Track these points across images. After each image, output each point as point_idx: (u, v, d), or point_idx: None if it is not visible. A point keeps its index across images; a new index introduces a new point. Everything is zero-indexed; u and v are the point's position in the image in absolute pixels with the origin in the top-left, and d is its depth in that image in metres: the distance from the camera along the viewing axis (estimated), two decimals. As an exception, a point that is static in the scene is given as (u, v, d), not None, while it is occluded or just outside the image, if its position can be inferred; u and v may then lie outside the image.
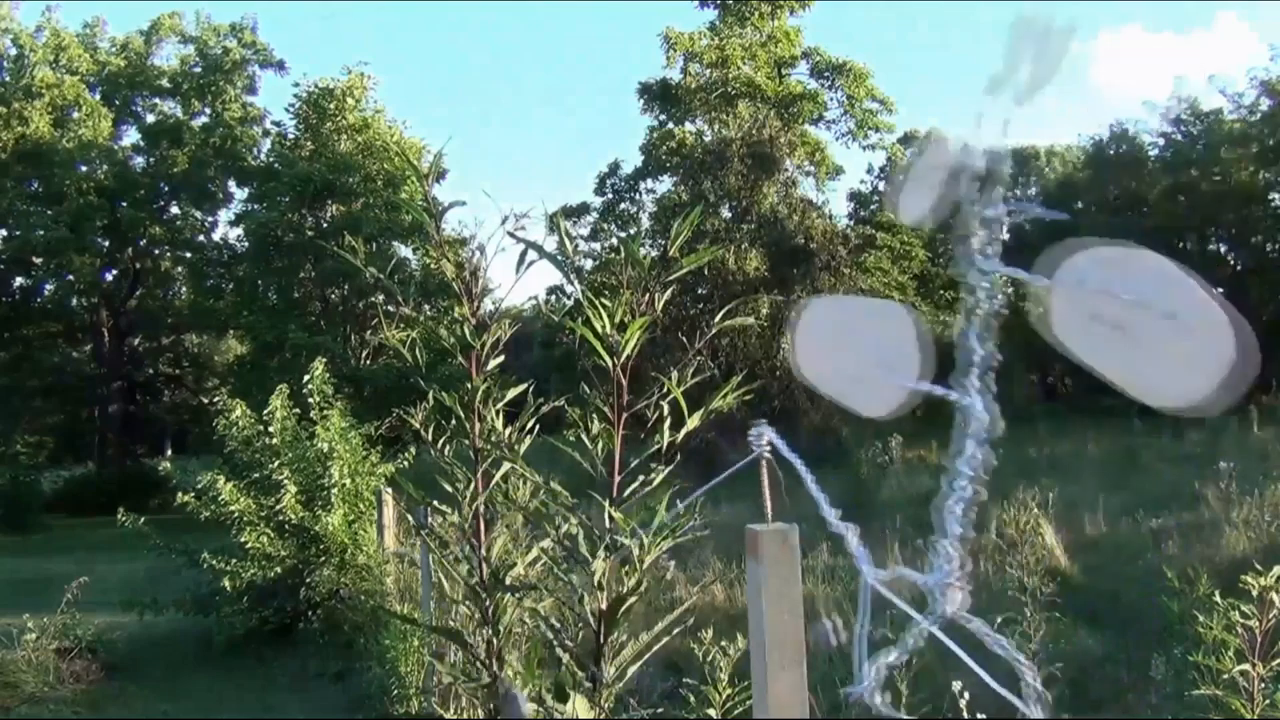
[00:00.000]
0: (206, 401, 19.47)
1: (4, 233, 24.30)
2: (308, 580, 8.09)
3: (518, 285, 2.91)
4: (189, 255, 26.94)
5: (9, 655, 6.96)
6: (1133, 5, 71.87)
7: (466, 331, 2.92)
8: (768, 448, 1.49)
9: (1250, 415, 19.12)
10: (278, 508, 8.03)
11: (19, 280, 25.23)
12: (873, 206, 31.08)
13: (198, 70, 26.49)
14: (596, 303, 2.52)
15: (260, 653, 7.84)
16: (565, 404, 2.90)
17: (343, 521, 8.17)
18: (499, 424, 2.95)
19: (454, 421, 2.99)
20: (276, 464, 8.17)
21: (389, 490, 8.62)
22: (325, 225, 23.02)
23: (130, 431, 26.81)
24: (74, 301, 25.88)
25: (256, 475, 8.29)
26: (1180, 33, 71.78)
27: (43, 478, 21.77)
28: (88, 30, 26.41)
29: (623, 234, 23.97)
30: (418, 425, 3.11)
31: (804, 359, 1.04)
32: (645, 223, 24.60)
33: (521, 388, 3.05)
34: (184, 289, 27.84)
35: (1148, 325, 0.72)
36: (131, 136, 26.90)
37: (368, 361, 22.32)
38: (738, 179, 22.47)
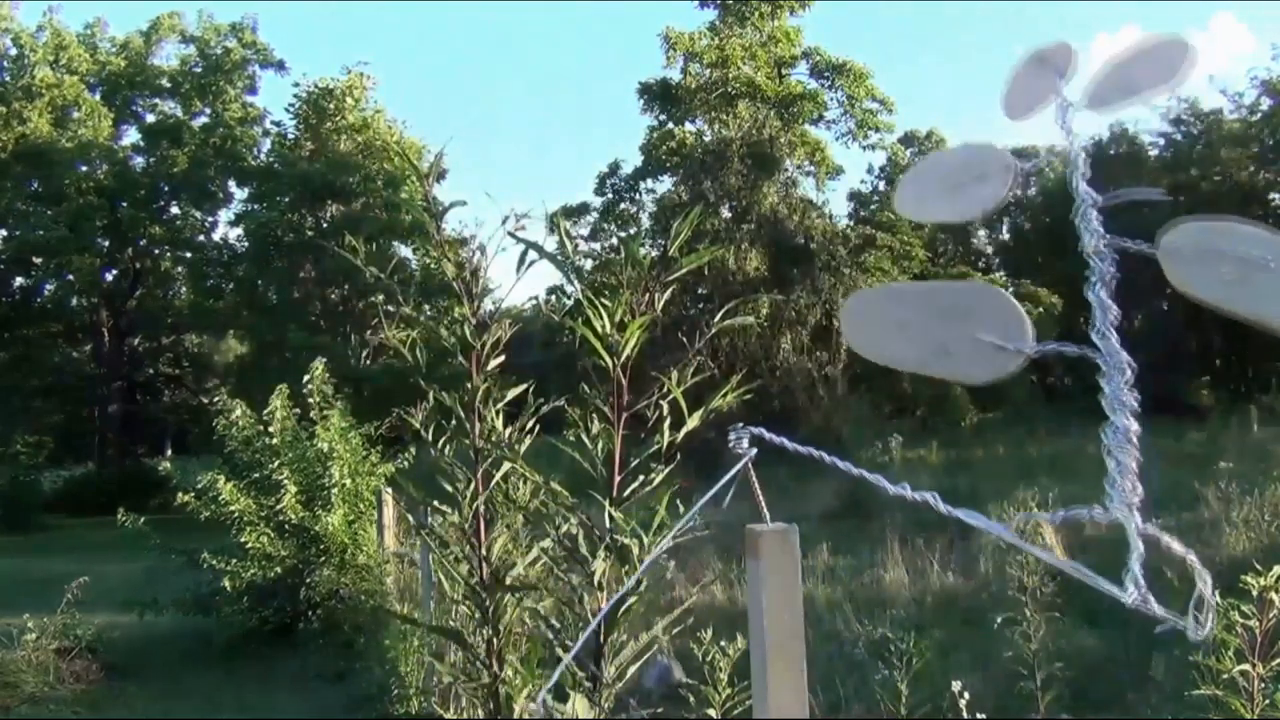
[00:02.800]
0: (206, 401, 19.46)
1: (4, 233, 24.31)
2: (308, 580, 8.09)
3: (518, 285, 2.91)
4: (189, 255, 26.92)
5: (9, 655, 6.96)
6: (1130, 6, 71.87)
7: (466, 331, 2.92)
8: (750, 450, 1.48)
9: (1250, 415, 19.13)
10: (278, 508, 8.03)
11: (19, 280, 25.22)
12: (873, 206, 31.09)
13: (198, 70, 26.49)
14: (596, 303, 2.52)
15: (260, 653, 7.84)
16: (565, 404, 2.90)
17: (343, 521, 8.17)
18: (499, 424, 2.95)
19: (454, 421, 2.99)
20: (276, 464, 8.17)
21: (389, 490, 8.63)
22: (325, 225, 23.03)
23: (130, 431, 26.80)
24: (74, 301, 25.86)
25: (256, 475, 8.29)
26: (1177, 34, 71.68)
27: (43, 478, 21.75)
28: (88, 30, 26.42)
29: (623, 234, 23.96)
30: (418, 425, 3.11)
31: (871, 346, 1.05)
32: (645, 223, 24.60)
33: (521, 388, 3.05)
34: (184, 289, 27.82)
35: (1260, 272, 0.81)
36: (131, 136, 26.93)
37: (368, 361, 22.31)
38: (738, 179, 22.47)
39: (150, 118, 26.79)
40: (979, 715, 3.11)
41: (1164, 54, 0.99)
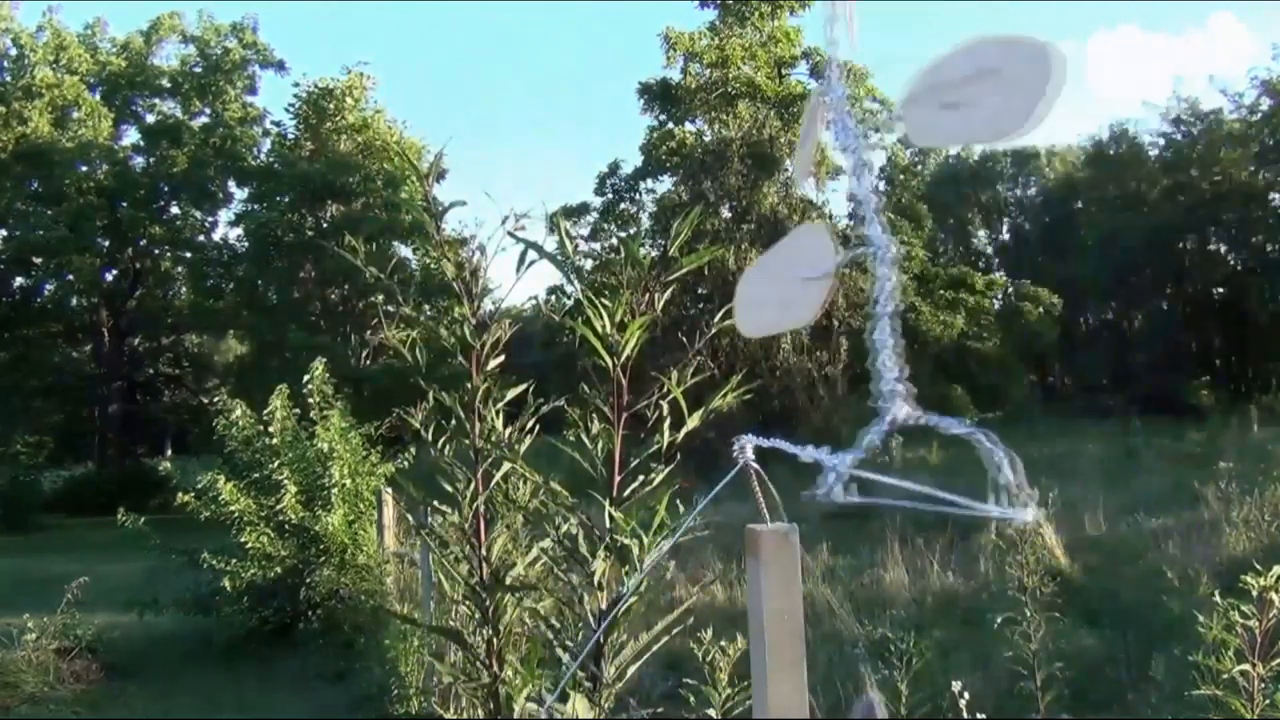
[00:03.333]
0: (206, 401, 19.46)
1: (4, 233, 24.31)
2: (308, 580, 8.09)
3: (518, 285, 2.91)
4: (189, 255, 26.94)
5: (9, 655, 6.96)
6: (1128, 6, 71.88)
7: (466, 331, 2.92)
8: (752, 457, 1.50)
9: (1250, 415, 19.14)
10: (278, 508, 8.03)
11: (19, 280, 25.23)
12: (873, 206, 31.05)
13: (198, 70, 26.50)
14: (596, 303, 2.52)
15: (260, 653, 7.84)
16: (565, 404, 2.90)
17: (343, 521, 8.17)
18: (499, 424, 2.94)
19: (454, 421, 2.99)
20: (276, 464, 8.17)
21: (389, 490, 8.63)
22: (325, 225, 23.04)
23: (130, 431, 26.80)
24: (74, 301, 25.87)
25: (256, 475, 8.29)
26: (1176, 33, 71.82)
27: (43, 478, 21.75)
28: (88, 30, 26.43)
29: (623, 234, 23.96)
30: (418, 425, 3.11)
31: (748, 325, 1.14)
32: (645, 223, 24.59)
33: (521, 388, 3.05)
34: (184, 289, 27.83)
35: (976, 85, 0.83)
36: (131, 136, 26.94)
37: (368, 361, 22.31)
38: (738, 179, 22.46)
39: (150, 118, 26.80)
40: (979, 715, 3.11)
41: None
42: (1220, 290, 29.97)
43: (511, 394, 3.01)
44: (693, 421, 2.58)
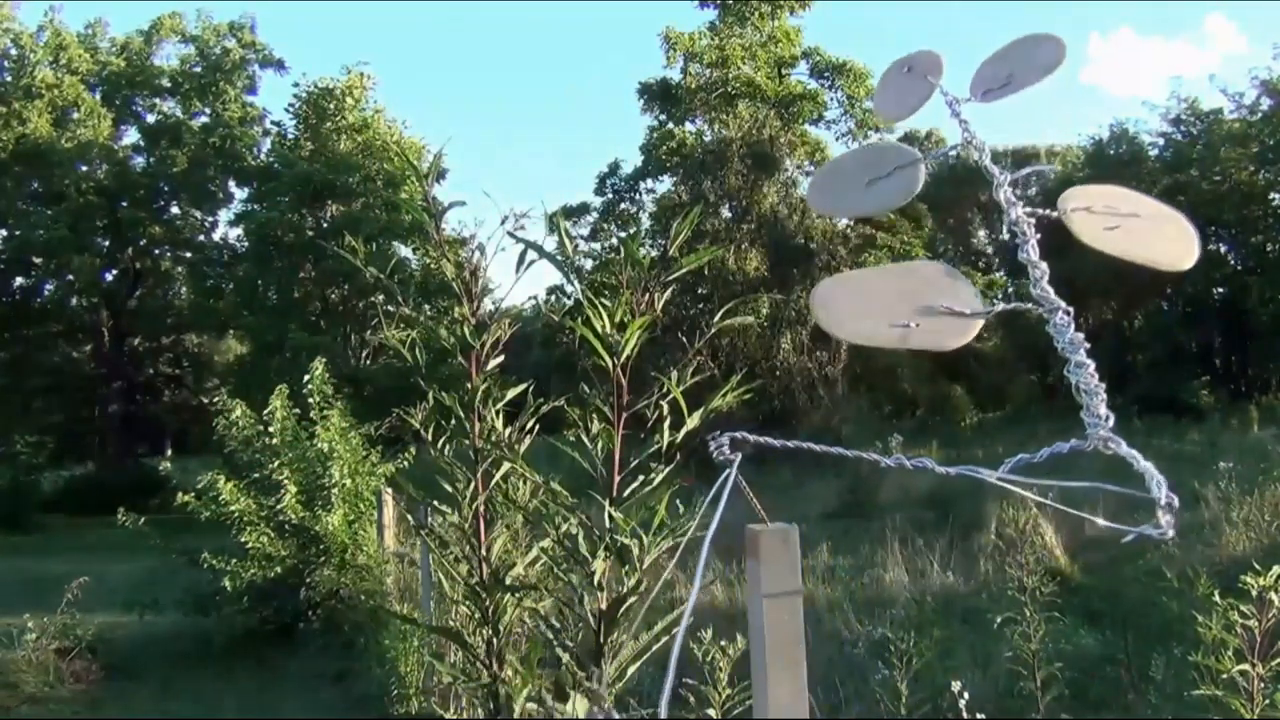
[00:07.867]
0: (206, 401, 19.44)
1: (4, 233, 24.30)
2: (308, 580, 8.09)
3: (518, 285, 2.91)
4: (189, 255, 26.92)
5: (9, 655, 6.97)
6: (1125, 6, 71.92)
7: (466, 331, 2.92)
8: (730, 453, 1.49)
9: (1250, 415, 19.14)
10: (278, 508, 8.03)
11: (19, 280, 25.21)
12: (873, 206, 31.08)
13: (198, 70, 26.48)
14: (596, 303, 2.52)
15: (260, 653, 7.84)
16: (565, 404, 2.90)
17: (343, 521, 8.17)
18: (499, 424, 2.95)
19: (454, 421, 2.99)
20: (276, 464, 8.17)
21: (389, 490, 8.63)
22: (325, 225, 23.02)
23: (130, 431, 26.77)
24: (74, 301, 25.84)
25: (256, 475, 8.29)
26: (1171, 35, 71.87)
27: (43, 478, 21.75)
28: (89, 30, 26.42)
29: (623, 234, 23.96)
30: (418, 425, 3.11)
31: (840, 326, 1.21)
32: (645, 223, 24.59)
33: (521, 388, 3.05)
34: (184, 289, 27.82)
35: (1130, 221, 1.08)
36: (131, 136, 26.90)
37: (368, 361, 22.30)
38: (738, 179, 22.46)
39: (150, 118, 26.78)
40: (979, 715, 3.12)
41: (1037, 49, 1.18)
42: (1220, 290, 29.93)
43: (511, 394, 3.02)
44: (693, 421, 2.58)
